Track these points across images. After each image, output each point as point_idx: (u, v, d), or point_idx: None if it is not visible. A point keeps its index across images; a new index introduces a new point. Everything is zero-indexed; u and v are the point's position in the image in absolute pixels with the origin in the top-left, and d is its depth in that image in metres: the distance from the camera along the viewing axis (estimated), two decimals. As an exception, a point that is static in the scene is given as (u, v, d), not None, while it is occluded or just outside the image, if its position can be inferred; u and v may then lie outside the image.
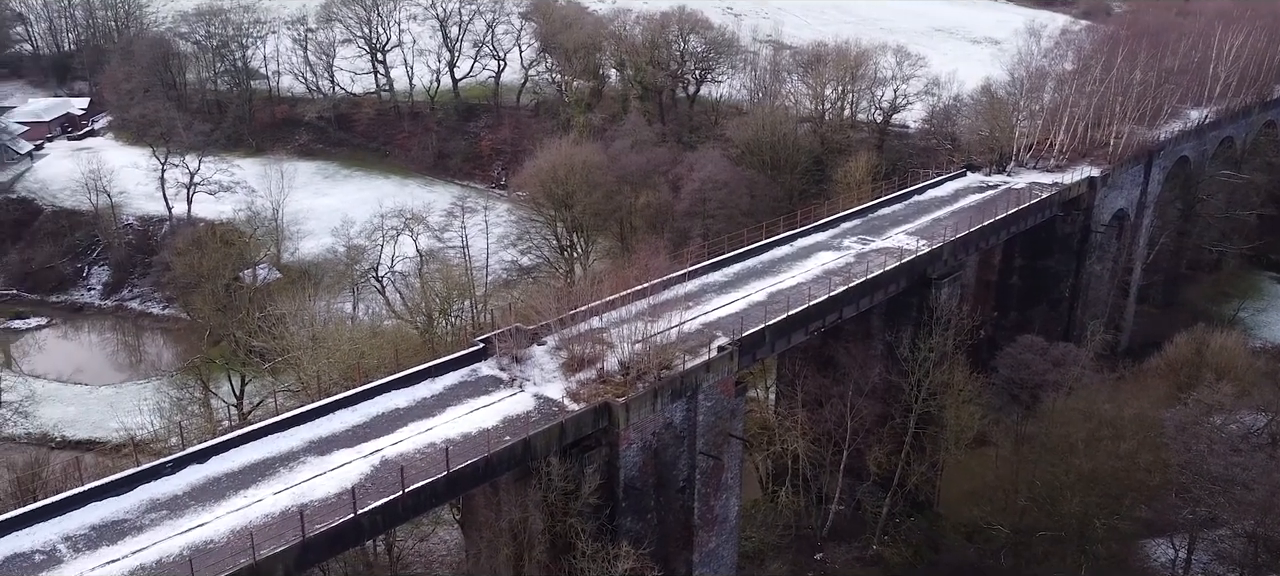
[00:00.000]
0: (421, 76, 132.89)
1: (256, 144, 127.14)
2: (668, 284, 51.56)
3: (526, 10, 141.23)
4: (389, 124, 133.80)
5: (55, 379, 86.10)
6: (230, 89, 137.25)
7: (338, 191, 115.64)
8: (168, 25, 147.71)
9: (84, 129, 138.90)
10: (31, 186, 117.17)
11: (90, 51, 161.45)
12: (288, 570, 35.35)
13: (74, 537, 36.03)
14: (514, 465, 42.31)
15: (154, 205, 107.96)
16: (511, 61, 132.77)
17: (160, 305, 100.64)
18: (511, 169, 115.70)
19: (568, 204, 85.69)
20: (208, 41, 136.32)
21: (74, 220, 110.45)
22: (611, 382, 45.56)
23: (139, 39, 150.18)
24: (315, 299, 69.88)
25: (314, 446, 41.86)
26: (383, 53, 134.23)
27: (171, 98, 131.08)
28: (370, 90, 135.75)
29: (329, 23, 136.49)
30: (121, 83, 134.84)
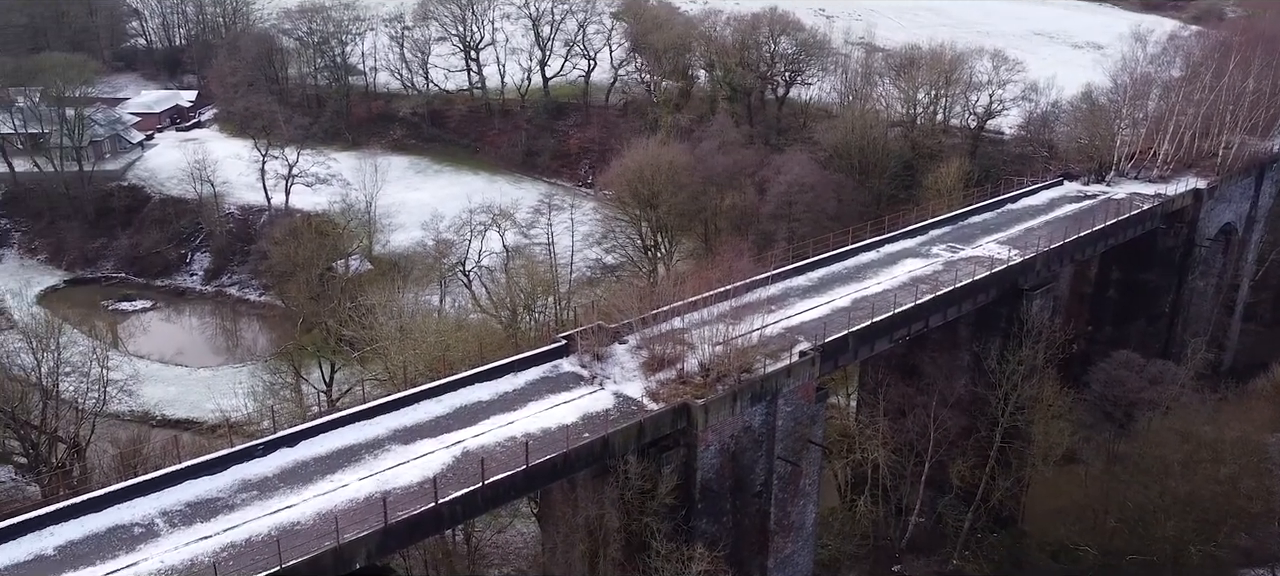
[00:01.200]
0: (513, 75, 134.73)
1: (352, 138, 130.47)
2: (750, 286, 51.30)
3: (618, 10, 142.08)
4: (480, 121, 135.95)
5: (158, 359, 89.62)
6: (329, 84, 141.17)
7: (429, 186, 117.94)
8: (272, 22, 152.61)
9: (191, 121, 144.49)
10: (142, 174, 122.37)
11: (199, 46, 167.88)
12: (369, 554, 36.26)
13: (170, 513, 37.56)
14: (592, 462, 42.63)
15: (254, 195, 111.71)
16: (601, 61, 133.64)
17: (257, 292, 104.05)
18: (598, 168, 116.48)
19: (653, 204, 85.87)
20: (309, 38, 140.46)
21: (180, 208, 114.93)
22: (691, 383, 45.57)
23: (245, 35, 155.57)
24: (404, 291, 71.49)
25: (398, 435, 42.84)
26: (476, 51, 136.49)
27: (274, 92, 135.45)
28: (463, 87, 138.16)
29: (425, 21, 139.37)
30: (227, 77, 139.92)
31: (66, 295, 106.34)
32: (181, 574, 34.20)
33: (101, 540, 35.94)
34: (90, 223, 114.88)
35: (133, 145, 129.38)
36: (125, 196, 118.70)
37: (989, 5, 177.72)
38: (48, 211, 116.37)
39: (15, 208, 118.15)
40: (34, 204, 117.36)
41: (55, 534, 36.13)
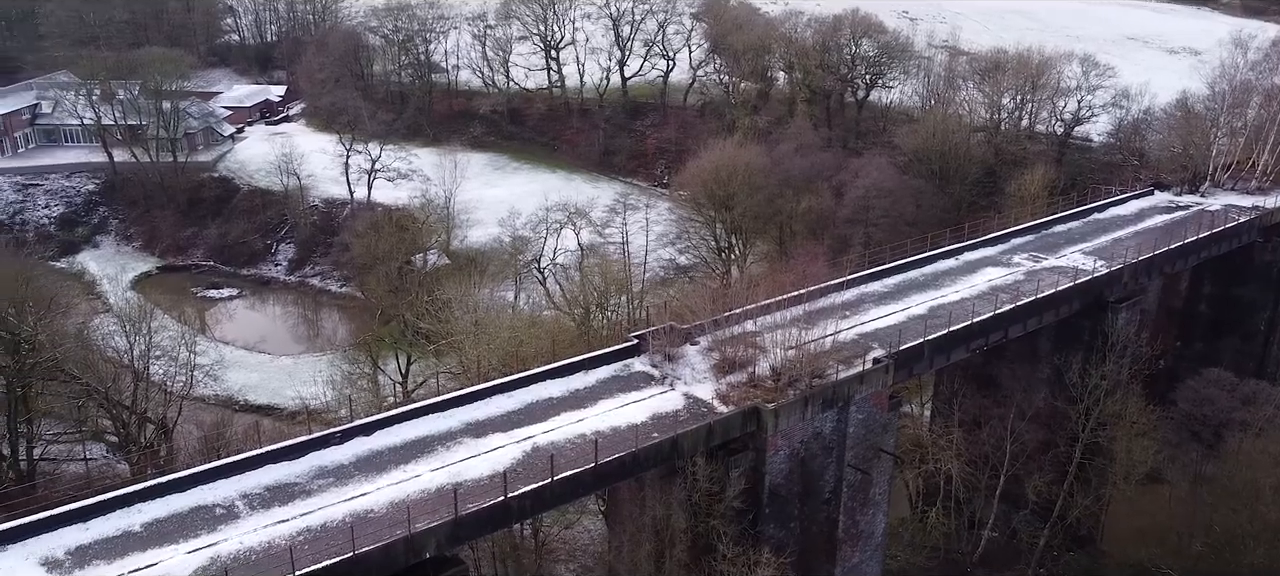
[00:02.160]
0: (592, 74, 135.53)
1: (433, 134, 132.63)
2: (825, 291, 50.88)
3: (698, 11, 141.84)
4: (558, 120, 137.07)
5: (242, 346, 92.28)
6: (412, 81, 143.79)
7: (506, 183, 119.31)
8: (359, 19, 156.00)
9: (280, 115, 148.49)
10: (232, 166, 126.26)
11: (289, 43, 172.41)
12: (439, 545, 36.86)
13: (250, 495, 38.70)
14: (660, 462, 42.70)
15: (338, 189, 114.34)
16: (680, 61, 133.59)
17: (338, 283, 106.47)
18: (674, 168, 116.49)
19: (728, 205, 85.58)
20: (394, 36, 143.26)
21: (266, 199, 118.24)
22: (762, 387, 45.36)
23: (333, 32, 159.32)
24: (480, 286, 72.35)
25: (470, 428, 43.47)
26: (556, 50, 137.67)
27: (359, 88, 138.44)
28: (542, 86, 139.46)
29: (507, 20, 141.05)
30: (315, 73, 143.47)
31: (159, 281, 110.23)
32: (259, 555, 35.22)
33: (185, 519, 37.22)
34: (182, 212, 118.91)
35: (224, 138, 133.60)
36: (216, 187, 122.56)
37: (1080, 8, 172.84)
38: (143, 200, 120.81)
39: (113, 196, 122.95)
40: (131, 193, 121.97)
41: (142, 511, 37.55)
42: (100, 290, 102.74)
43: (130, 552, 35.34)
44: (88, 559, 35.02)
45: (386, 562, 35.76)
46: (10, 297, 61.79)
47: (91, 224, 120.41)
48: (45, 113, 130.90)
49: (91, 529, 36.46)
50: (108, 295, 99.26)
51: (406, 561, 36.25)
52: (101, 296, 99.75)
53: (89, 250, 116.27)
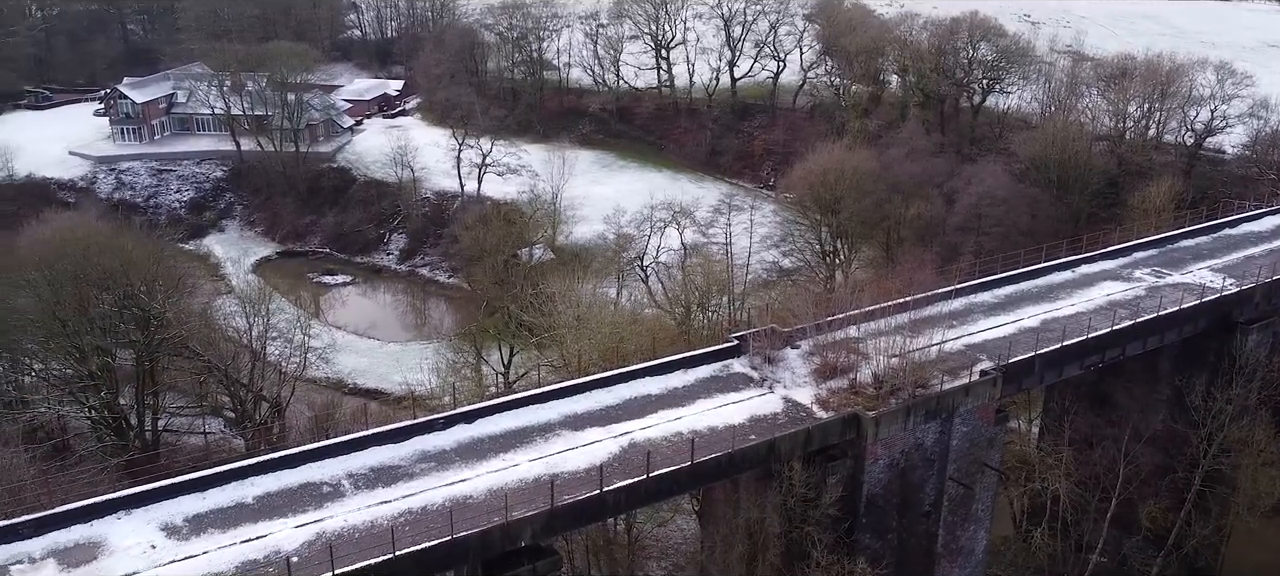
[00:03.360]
0: (701, 74, 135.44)
1: (543, 131, 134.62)
2: (932, 299, 49.65)
3: (811, 12, 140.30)
4: (666, 119, 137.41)
5: (353, 331, 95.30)
6: (524, 78, 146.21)
7: (613, 181, 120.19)
8: (475, 17, 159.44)
9: (397, 109, 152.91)
10: (350, 157, 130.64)
11: (408, 39, 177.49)
12: (534, 534, 37.38)
13: (356, 475, 39.92)
14: (756, 464, 42.41)
15: (449, 182, 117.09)
16: (791, 63, 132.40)
17: (446, 274, 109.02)
18: (781, 170, 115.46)
19: (834, 209, 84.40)
20: (509, 33, 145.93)
21: (381, 190, 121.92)
22: (863, 394, 44.61)
23: (450, 29, 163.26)
24: (583, 281, 73.16)
25: (569, 421, 43.92)
26: (667, 49, 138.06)
27: (473, 84, 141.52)
28: (652, 85, 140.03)
29: (619, 19, 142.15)
30: (432, 68, 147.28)
31: (278, 266, 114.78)
32: (362, 533, 36.31)
33: (294, 494, 38.63)
34: (302, 200, 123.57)
35: (343, 130, 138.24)
36: (334, 177, 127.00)
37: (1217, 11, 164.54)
38: (266, 188, 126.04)
39: (239, 183, 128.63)
40: (255, 181, 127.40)
41: (255, 485, 39.11)
42: (224, 272, 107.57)
43: (243, 523, 36.88)
44: (203, 527, 36.68)
45: (483, 548, 36.45)
46: (143, 276, 65.14)
47: (218, 209, 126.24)
48: (180, 102, 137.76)
49: (208, 498, 38.17)
50: (230, 277, 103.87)
51: (502, 548, 36.89)
52: (225, 278, 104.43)
53: (215, 234, 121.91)
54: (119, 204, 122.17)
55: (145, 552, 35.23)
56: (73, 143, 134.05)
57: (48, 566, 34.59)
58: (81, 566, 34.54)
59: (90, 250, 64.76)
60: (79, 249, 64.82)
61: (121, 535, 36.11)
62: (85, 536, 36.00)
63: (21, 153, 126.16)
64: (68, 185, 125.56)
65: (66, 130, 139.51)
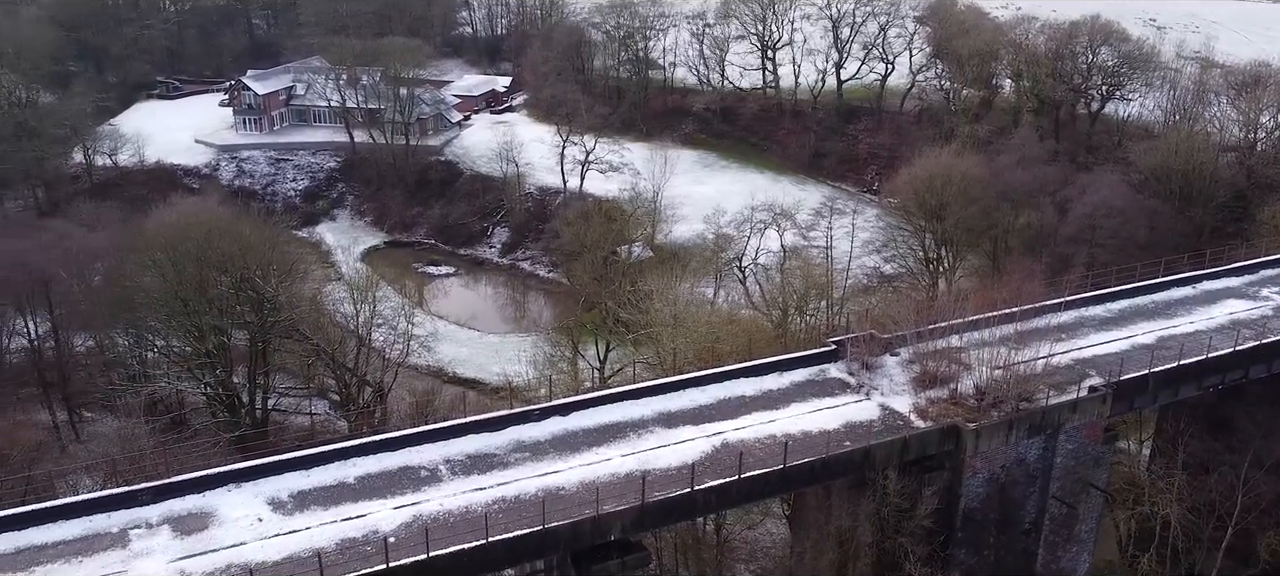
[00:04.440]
0: (807, 75, 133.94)
1: (646, 129, 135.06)
2: (1040, 311, 48.19)
3: (922, 14, 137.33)
4: (770, 120, 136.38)
5: (454, 321, 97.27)
6: (629, 77, 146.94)
7: (714, 181, 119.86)
8: (583, 16, 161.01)
9: (504, 105, 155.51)
10: (457, 151, 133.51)
11: (517, 37, 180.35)
12: (624, 529, 37.64)
13: (453, 461, 40.88)
14: (850, 471, 41.86)
15: (552, 178, 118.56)
16: (900, 65, 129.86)
17: (546, 268, 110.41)
18: (885, 174, 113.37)
19: (940, 216, 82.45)
20: (616, 32, 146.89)
21: (486, 184, 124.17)
22: (963, 405, 43.61)
23: (558, 27, 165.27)
24: (681, 280, 73.19)
25: (662, 418, 44.12)
26: (773, 50, 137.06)
27: (578, 81, 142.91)
28: (756, 86, 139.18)
29: (726, 19, 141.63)
30: (539, 66, 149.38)
31: (385, 255, 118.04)
32: (457, 518, 37.15)
33: (393, 477, 39.77)
34: (410, 192, 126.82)
35: (452, 124, 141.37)
36: (441, 170, 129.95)
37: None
38: (376, 179, 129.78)
39: (351, 174, 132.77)
40: (366, 172, 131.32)
41: (357, 465, 40.43)
42: (334, 260, 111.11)
43: (344, 502, 38.14)
44: (307, 503, 38.06)
45: (573, 539, 36.91)
46: (259, 261, 67.86)
47: (331, 198, 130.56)
48: (299, 94, 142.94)
49: (312, 476, 39.60)
50: (340, 265, 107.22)
51: (592, 541, 37.30)
52: (334, 265, 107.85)
53: (327, 222, 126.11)
54: (239, 191, 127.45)
55: (252, 525, 36.76)
56: (199, 131, 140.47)
57: (163, 532, 36.39)
58: (193, 534, 36.22)
59: (211, 234, 67.76)
60: (201, 232, 67.88)
61: (231, 506, 37.75)
62: (198, 506, 37.75)
63: (152, 140, 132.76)
64: (193, 171, 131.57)
65: (194, 119, 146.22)
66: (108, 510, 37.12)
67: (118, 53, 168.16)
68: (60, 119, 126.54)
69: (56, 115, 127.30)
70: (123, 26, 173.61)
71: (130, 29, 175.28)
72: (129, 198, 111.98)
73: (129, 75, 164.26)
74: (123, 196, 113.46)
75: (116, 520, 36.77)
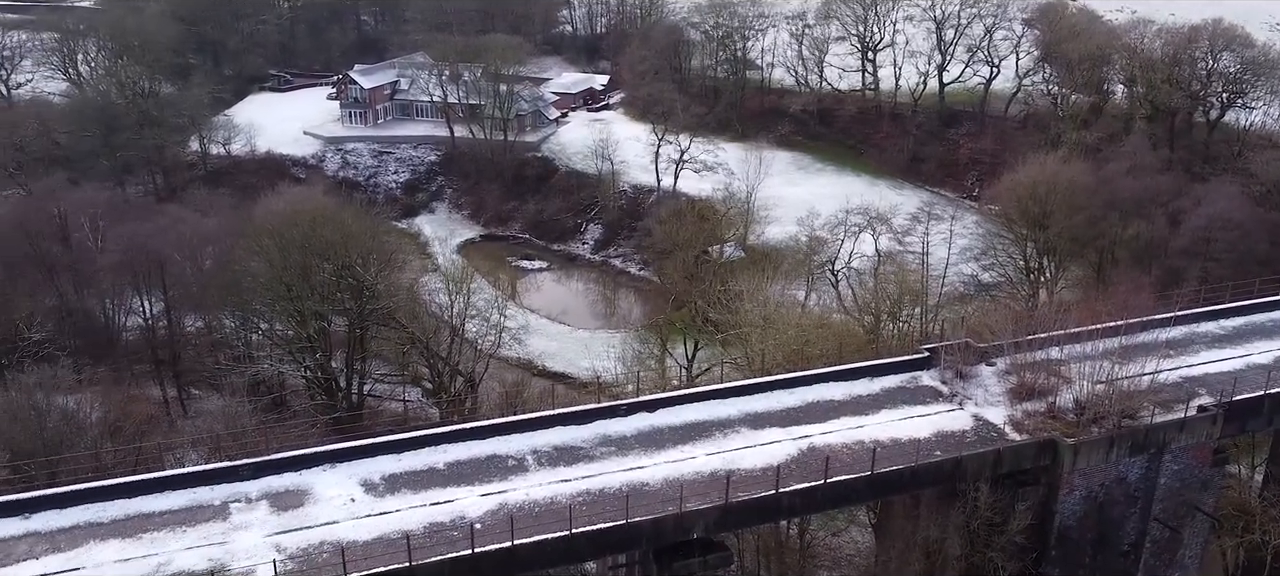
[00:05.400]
0: (908, 78, 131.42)
1: (742, 130, 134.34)
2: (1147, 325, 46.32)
3: (1031, 16, 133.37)
4: (868, 122, 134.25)
5: (545, 315, 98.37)
6: (726, 77, 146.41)
7: (809, 183, 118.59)
8: (682, 15, 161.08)
9: (601, 103, 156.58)
10: (553, 148, 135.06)
11: (616, 35, 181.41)
12: (706, 528, 37.57)
13: (540, 452, 41.40)
14: (940, 482, 41.00)
15: (646, 176, 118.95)
16: (1005, 69, 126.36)
17: (637, 266, 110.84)
18: (987, 180, 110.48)
19: (1043, 224, 80.00)
20: (714, 32, 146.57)
21: (581, 181, 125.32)
22: (1061, 420, 42.26)
23: (656, 26, 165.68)
24: (772, 282, 72.63)
25: (749, 419, 43.91)
26: (874, 51, 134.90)
27: (675, 81, 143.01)
28: (855, 88, 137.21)
29: (826, 20, 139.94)
30: (637, 65, 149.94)
31: (480, 248, 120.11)
32: (542, 508, 37.60)
33: (482, 465, 40.47)
34: (507, 187, 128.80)
35: (549, 121, 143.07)
36: (537, 166, 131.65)
37: None
38: (474, 173, 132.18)
39: (450, 168, 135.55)
40: (464, 166, 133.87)
41: (447, 452, 41.29)
42: (431, 251, 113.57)
43: (433, 487, 38.98)
44: (398, 486, 39.02)
45: (656, 535, 37.00)
46: (360, 250, 69.78)
47: (430, 191, 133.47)
48: (403, 89, 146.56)
49: (403, 460, 40.59)
50: (437, 256, 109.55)
51: (674, 538, 37.34)
52: (431, 257, 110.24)
53: (425, 214, 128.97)
54: (343, 181, 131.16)
55: (345, 504, 37.86)
56: (307, 123, 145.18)
57: (261, 507, 37.75)
58: (290, 510, 37.48)
59: (316, 222, 69.91)
60: (306, 221, 70.10)
61: (325, 485, 38.95)
62: (295, 483, 39.06)
63: (263, 131, 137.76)
64: (300, 162, 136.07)
65: (302, 111, 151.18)
66: (211, 483, 38.72)
67: (234, 46, 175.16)
68: (179, 109, 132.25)
69: (176, 105, 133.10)
70: (239, 21, 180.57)
71: (246, 24, 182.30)
72: (240, 185, 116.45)
73: (244, 68, 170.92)
74: (234, 184, 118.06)
75: (218, 493, 38.31)
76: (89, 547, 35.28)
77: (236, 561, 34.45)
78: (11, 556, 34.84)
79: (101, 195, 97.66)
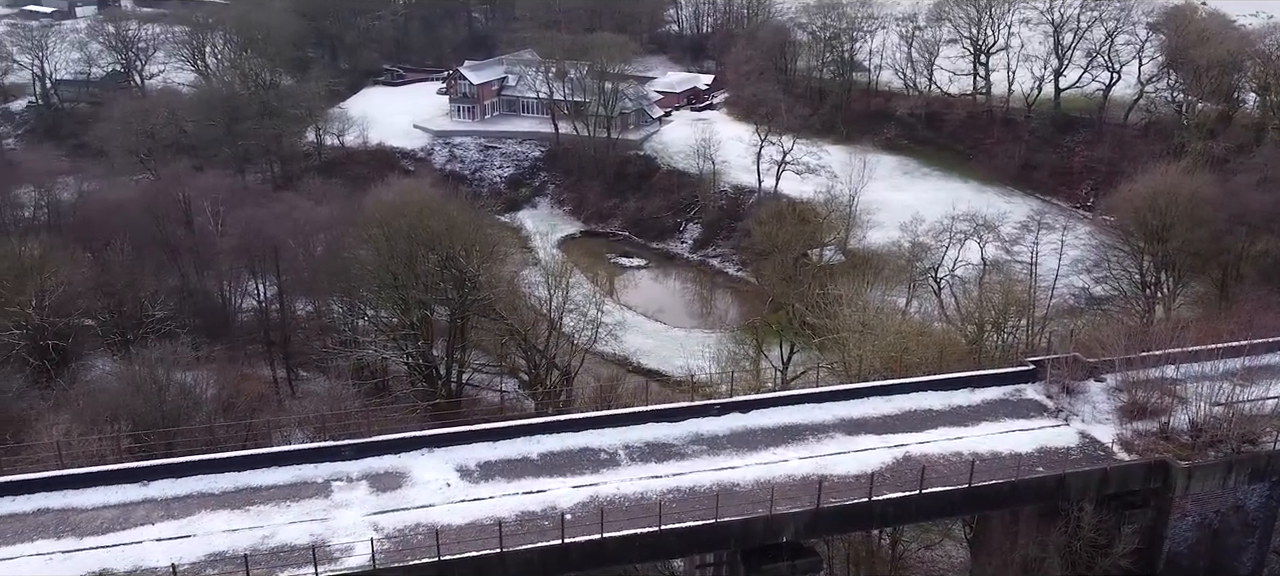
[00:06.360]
0: (1022, 82, 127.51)
1: (846, 133, 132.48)
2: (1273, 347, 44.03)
3: (1156, 21, 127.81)
4: (978, 127, 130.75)
5: (642, 313, 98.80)
6: (832, 78, 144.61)
7: (914, 188, 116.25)
8: (789, 15, 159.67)
9: (704, 102, 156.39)
10: (655, 147, 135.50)
11: (722, 35, 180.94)
12: (796, 532, 37.24)
13: (631, 447, 41.65)
14: (1041, 499, 39.80)
15: (747, 177, 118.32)
16: (1126, 74, 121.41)
17: (735, 267, 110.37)
18: (1102, 190, 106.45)
19: (1162, 237, 76.58)
20: (822, 33, 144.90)
21: (681, 180, 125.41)
22: (1175, 441, 40.53)
23: (763, 26, 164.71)
24: (872, 287, 71.44)
25: (843, 424, 43.36)
26: (986, 55, 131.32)
27: (780, 82, 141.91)
28: (966, 92, 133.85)
29: (938, 22, 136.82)
30: (742, 65, 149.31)
31: (580, 244, 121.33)
32: (632, 503, 37.81)
33: (574, 457, 40.94)
34: (608, 184, 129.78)
35: (652, 120, 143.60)
36: (639, 164, 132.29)
37: None
38: (577, 170, 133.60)
39: (553, 164, 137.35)
40: (567, 162, 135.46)
41: (540, 443, 41.90)
42: (532, 245, 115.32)
43: (526, 476, 39.59)
44: (492, 474, 39.75)
45: (744, 537, 36.85)
46: (463, 241, 71.30)
47: (533, 186, 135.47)
48: (510, 85, 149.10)
49: (498, 448, 41.34)
50: (537, 250, 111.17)
51: (763, 540, 37.11)
52: (532, 251, 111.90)
53: (527, 209, 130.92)
54: (449, 174, 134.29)
55: (441, 488, 38.77)
56: (417, 117, 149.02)
57: (361, 487, 38.95)
58: (388, 492, 38.58)
59: (422, 214, 71.77)
60: (413, 212, 72.01)
61: (423, 469, 39.95)
62: (393, 466, 40.18)
63: (375, 123, 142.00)
64: (409, 154, 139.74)
65: (413, 105, 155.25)
66: (314, 461, 40.14)
67: (351, 41, 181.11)
68: (297, 100, 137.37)
69: (294, 97, 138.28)
70: (357, 17, 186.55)
71: (363, 20, 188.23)
72: (352, 176, 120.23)
73: (359, 62, 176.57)
74: (346, 174, 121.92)
75: (322, 471, 39.68)
76: (200, 516, 36.97)
77: (336, 538, 35.61)
78: (130, 520, 36.76)
79: (223, 182, 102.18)
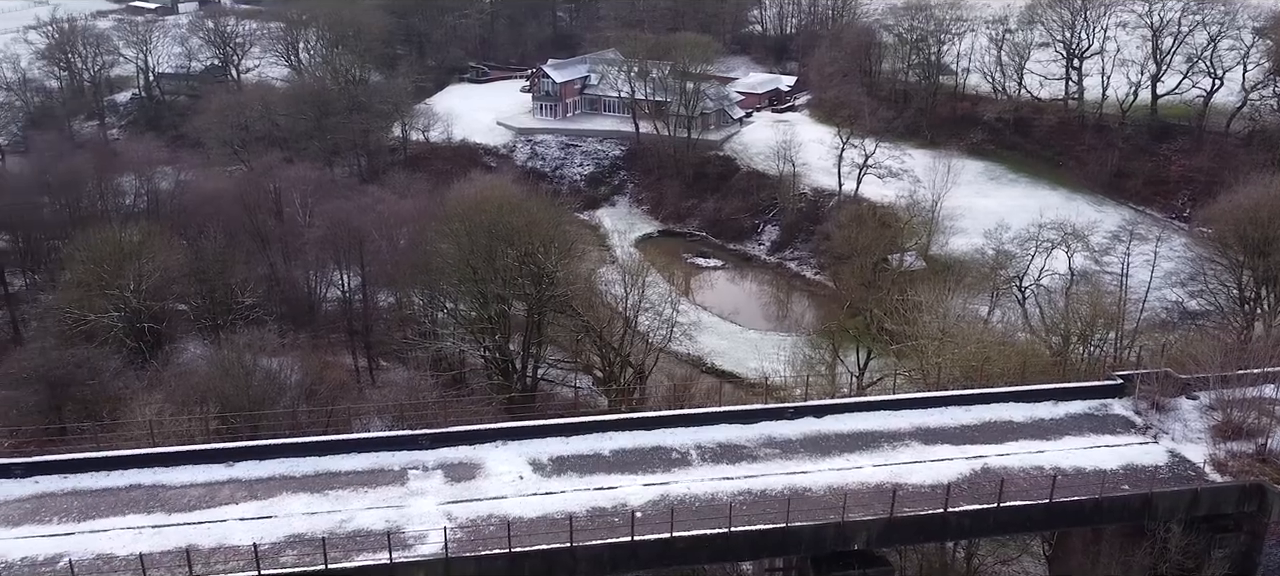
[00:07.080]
0: (1117, 88, 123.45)
1: (931, 136, 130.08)
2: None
3: (1263, 25, 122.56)
4: (1070, 134, 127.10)
5: (717, 313, 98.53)
6: (918, 81, 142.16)
7: (1000, 194, 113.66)
8: (876, 17, 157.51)
9: (786, 104, 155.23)
10: (736, 147, 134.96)
11: (806, 36, 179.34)
12: (868, 540, 36.75)
13: (703, 448, 41.61)
14: (1127, 518, 38.59)
15: (827, 180, 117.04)
16: (1230, 81, 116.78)
17: (813, 270, 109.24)
18: (1200, 201, 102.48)
19: (1264, 251, 73.37)
20: (908, 35, 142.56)
21: (761, 181, 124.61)
22: (1272, 464, 38.92)
23: (848, 28, 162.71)
24: (953, 294, 70.03)
25: (919, 433, 42.66)
26: (1080, 59, 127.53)
27: (864, 84, 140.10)
28: (1057, 97, 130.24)
29: (1030, 25, 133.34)
30: (825, 66, 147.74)
31: (657, 243, 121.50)
32: (702, 503, 37.76)
33: (646, 455, 41.04)
34: (687, 184, 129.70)
35: (733, 120, 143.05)
36: (719, 165, 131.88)
37: None
38: (656, 169, 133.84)
39: (633, 163, 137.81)
40: (647, 161, 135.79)
41: (613, 440, 42.13)
42: (610, 243, 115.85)
43: (597, 472, 39.83)
44: (563, 468, 40.07)
45: (815, 542, 36.51)
46: (542, 238, 72.00)
47: (612, 185, 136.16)
48: (592, 84, 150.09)
49: (571, 444, 41.68)
50: (615, 249, 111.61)
51: (833, 547, 36.72)
52: (610, 249, 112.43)
53: (606, 207, 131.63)
54: (530, 171, 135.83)
55: (514, 481, 39.23)
56: (500, 114, 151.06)
57: (436, 476, 39.64)
58: (462, 482, 39.20)
59: (503, 209, 72.72)
60: (494, 207, 72.99)
61: (496, 461, 40.49)
62: (468, 456, 40.81)
63: (460, 119, 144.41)
64: (492, 151, 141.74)
65: (497, 102, 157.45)
66: (392, 449, 41.00)
67: (438, 38, 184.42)
68: (385, 96, 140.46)
69: (382, 93, 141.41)
70: (444, 15, 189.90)
71: (450, 17, 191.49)
72: (435, 171, 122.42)
73: (445, 59, 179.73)
74: (430, 169, 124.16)
75: (398, 459, 40.51)
76: (282, 498, 38.05)
77: (411, 525, 36.31)
78: (216, 499, 38.02)
79: (312, 174, 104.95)
